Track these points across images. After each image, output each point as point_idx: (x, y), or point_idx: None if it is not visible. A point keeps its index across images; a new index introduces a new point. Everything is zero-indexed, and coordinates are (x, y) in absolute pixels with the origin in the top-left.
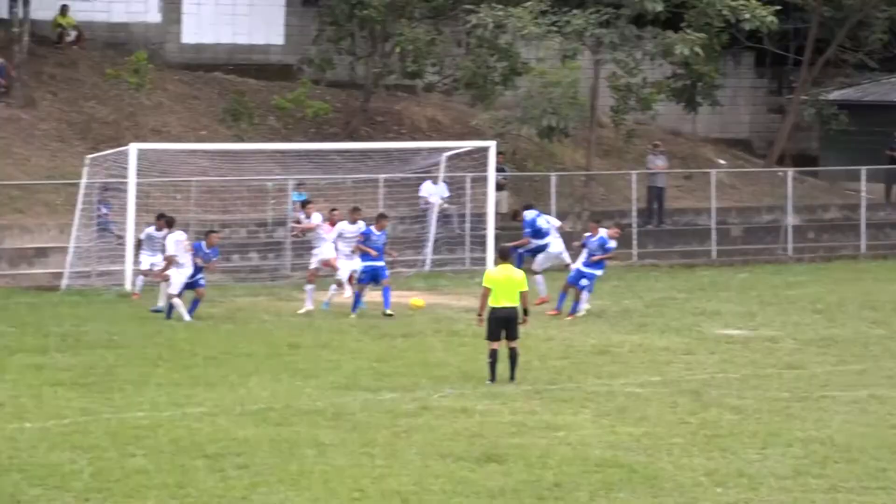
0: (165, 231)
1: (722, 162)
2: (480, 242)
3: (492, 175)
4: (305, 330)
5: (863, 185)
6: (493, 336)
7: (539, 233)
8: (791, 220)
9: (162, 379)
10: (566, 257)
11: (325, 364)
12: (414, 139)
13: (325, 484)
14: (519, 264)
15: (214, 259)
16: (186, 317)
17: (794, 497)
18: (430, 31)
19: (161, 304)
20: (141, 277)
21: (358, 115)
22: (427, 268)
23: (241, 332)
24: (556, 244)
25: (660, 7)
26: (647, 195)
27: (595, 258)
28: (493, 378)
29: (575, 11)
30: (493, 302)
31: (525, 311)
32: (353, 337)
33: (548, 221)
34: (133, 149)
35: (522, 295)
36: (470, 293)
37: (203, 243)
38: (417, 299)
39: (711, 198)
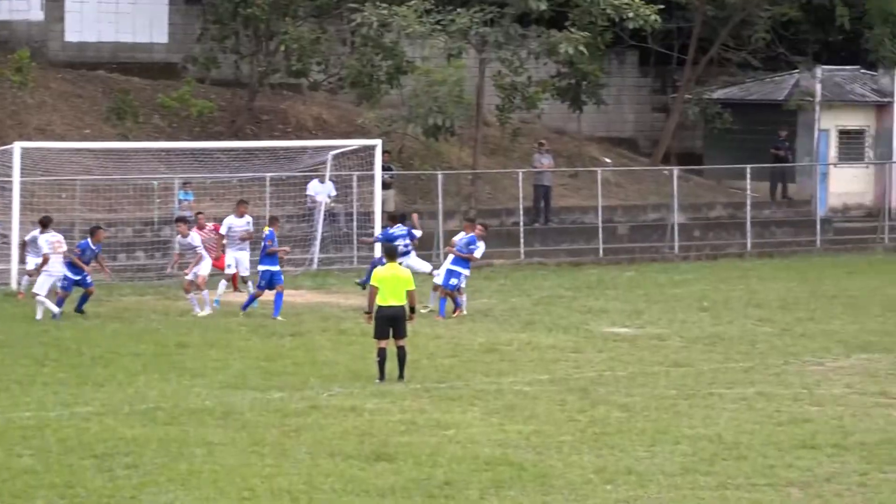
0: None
1: (607, 160)
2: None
3: (378, 174)
4: (193, 329)
5: (748, 183)
6: (380, 335)
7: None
8: (677, 218)
9: (49, 378)
10: (423, 267)
11: (213, 363)
12: (300, 138)
13: (214, 483)
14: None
15: (98, 253)
16: (55, 309)
17: (682, 494)
18: (315, 30)
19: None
20: (26, 277)
21: (243, 113)
22: (314, 266)
23: (128, 332)
24: (413, 260)
25: (544, 6)
26: (534, 194)
27: (462, 256)
28: (382, 377)
29: (459, 10)
30: (380, 300)
31: (412, 310)
32: (241, 336)
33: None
34: (17, 147)
35: (409, 294)
36: (357, 292)
37: (89, 241)
38: None
39: (598, 196)
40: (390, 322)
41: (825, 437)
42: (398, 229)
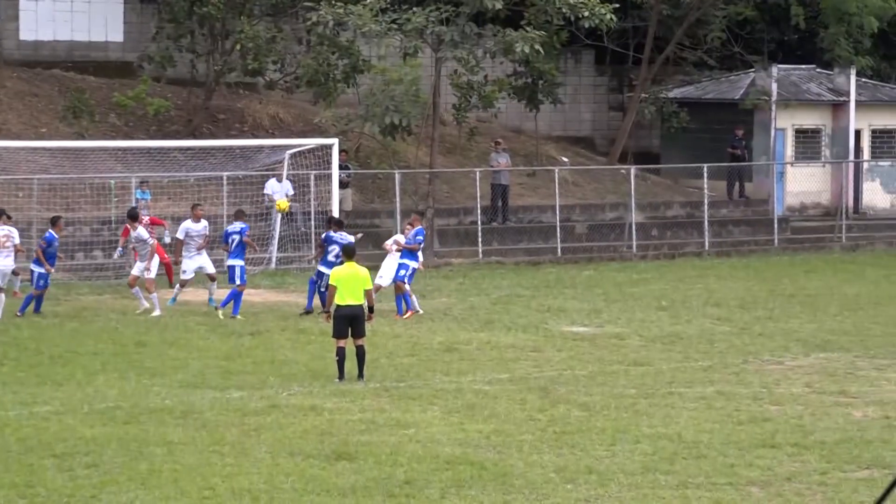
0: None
1: (565, 159)
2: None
3: (335, 173)
4: (152, 328)
5: (705, 182)
6: (339, 334)
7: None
8: (634, 217)
9: (7, 377)
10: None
11: (172, 362)
12: (256, 137)
13: (174, 483)
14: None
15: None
16: None
17: (643, 493)
18: (271, 29)
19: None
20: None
21: (200, 112)
22: (272, 266)
23: (86, 331)
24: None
25: (499, 5)
26: (491, 193)
27: (408, 247)
28: (341, 376)
29: (415, 9)
30: (338, 300)
31: (370, 309)
32: (200, 335)
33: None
34: None
35: (367, 293)
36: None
37: (52, 231)
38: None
39: (555, 195)
40: (349, 321)
41: (785, 435)
42: (339, 236)
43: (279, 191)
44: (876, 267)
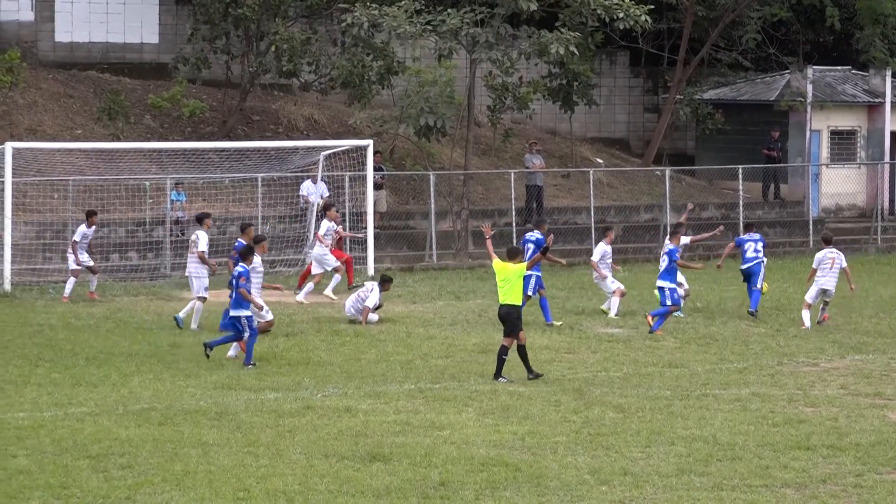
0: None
1: (599, 161)
2: (360, 241)
3: (370, 174)
4: (187, 329)
5: (740, 184)
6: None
7: None
8: (669, 218)
9: (43, 379)
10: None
11: (206, 363)
12: (291, 138)
13: (209, 484)
14: None
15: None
16: None
17: (678, 495)
18: (306, 30)
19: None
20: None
21: (234, 114)
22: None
23: (121, 332)
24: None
25: (534, 6)
26: (526, 194)
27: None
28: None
29: (450, 11)
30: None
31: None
32: None
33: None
34: (8, 147)
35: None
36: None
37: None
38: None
39: (590, 196)
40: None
41: (820, 437)
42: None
43: (314, 192)
44: None
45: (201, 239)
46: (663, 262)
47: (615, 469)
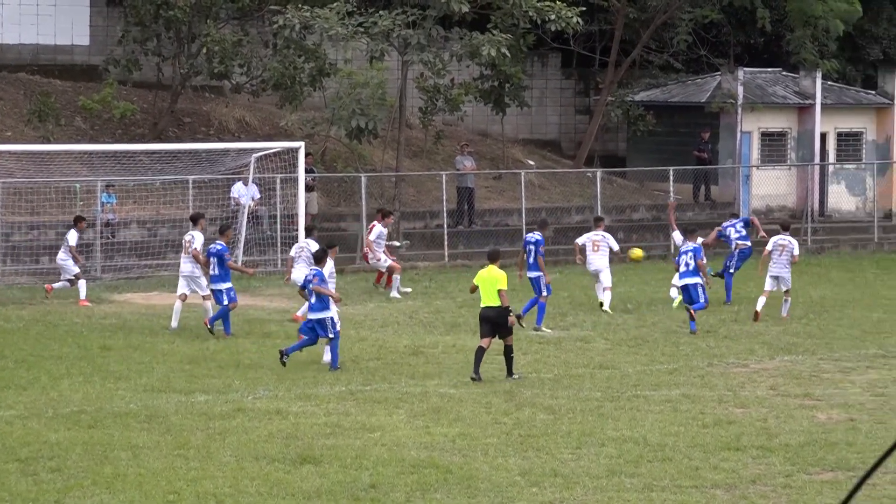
0: None
1: (531, 163)
2: (291, 243)
3: (301, 176)
4: (117, 332)
5: (671, 185)
6: (482, 334)
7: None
8: None
9: None
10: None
11: (137, 366)
12: (222, 140)
13: (139, 487)
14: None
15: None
16: None
17: (608, 496)
18: (237, 32)
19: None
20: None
21: (165, 115)
22: None
23: (51, 334)
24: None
25: (466, 8)
26: (458, 196)
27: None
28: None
29: (381, 13)
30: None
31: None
32: (165, 339)
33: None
34: None
35: (501, 293)
36: (282, 294)
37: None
38: (637, 251)
39: (521, 198)
40: (489, 322)
41: (750, 438)
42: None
43: (245, 194)
44: (841, 270)
45: (197, 239)
46: (682, 263)
47: (546, 470)
